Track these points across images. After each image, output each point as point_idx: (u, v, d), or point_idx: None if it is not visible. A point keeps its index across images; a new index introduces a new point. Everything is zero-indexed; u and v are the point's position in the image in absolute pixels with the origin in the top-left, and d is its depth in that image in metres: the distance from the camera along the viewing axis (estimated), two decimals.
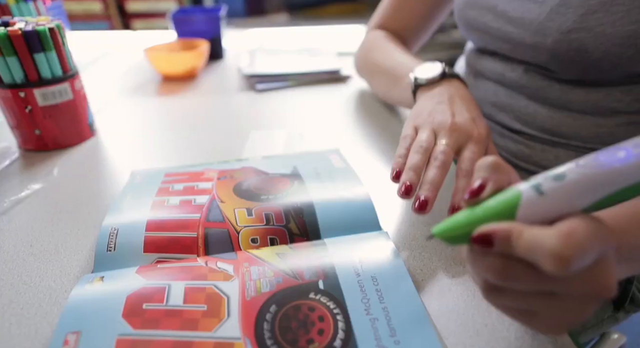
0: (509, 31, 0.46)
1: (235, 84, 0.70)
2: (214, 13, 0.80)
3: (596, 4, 0.38)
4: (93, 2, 1.77)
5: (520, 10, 0.45)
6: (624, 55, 0.38)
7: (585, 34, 0.39)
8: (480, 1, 0.50)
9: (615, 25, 0.37)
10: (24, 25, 0.44)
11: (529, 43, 0.44)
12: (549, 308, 0.21)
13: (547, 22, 0.42)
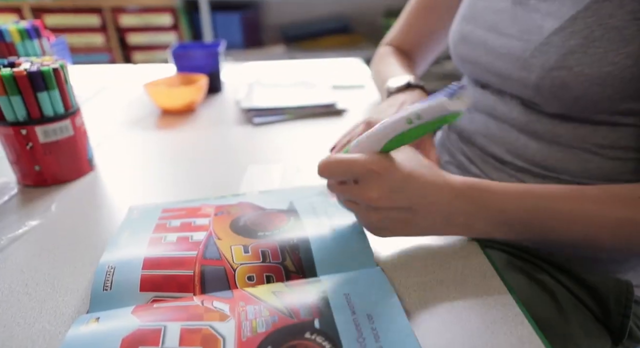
0: (498, 65, 0.48)
1: (233, 117, 0.72)
2: (213, 48, 0.83)
3: (575, 45, 0.40)
4: (95, 36, 1.82)
5: (507, 46, 0.47)
6: (603, 94, 0.40)
7: (566, 72, 0.41)
8: (473, 37, 0.52)
9: (593, 66, 0.39)
10: (29, 66, 0.46)
11: (515, 77, 0.46)
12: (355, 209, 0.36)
13: (531, 59, 0.44)
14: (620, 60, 0.39)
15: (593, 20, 0.39)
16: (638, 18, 0.38)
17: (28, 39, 0.71)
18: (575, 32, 0.40)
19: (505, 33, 0.48)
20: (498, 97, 0.51)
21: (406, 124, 0.31)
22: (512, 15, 0.47)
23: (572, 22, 0.41)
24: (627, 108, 0.41)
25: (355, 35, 2.03)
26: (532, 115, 0.47)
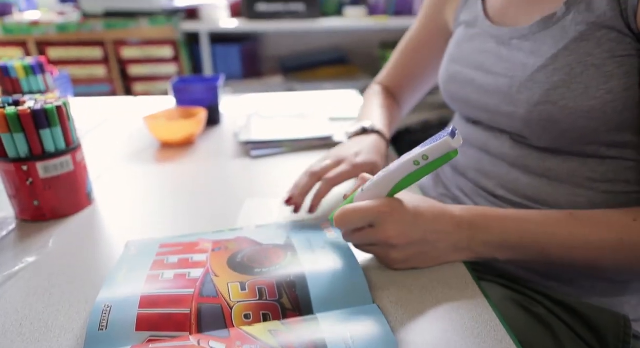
0: (486, 102, 0.50)
1: (231, 150, 0.73)
2: (212, 82, 0.85)
3: (559, 82, 0.42)
4: (97, 67, 1.85)
5: (494, 84, 0.49)
6: (589, 126, 0.41)
7: (552, 106, 0.42)
8: (461, 77, 0.54)
9: (577, 101, 0.41)
10: (34, 104, 0.47)
11: (504, 113, 0.48)
12: (374, 250, 0.39)
13: (517, 94, 0.46)
14: (602, 95, 0.40)
15: (573, 59, 0.41)
16: (615, 56, 0.40)
17: (32, 74, 0.73)
18: (557, 69, 0.42)
19: (491, 71, 0.50)
20: (489, 133, 0.52)
21: (413, 166, 0.34)
22: (497, 55, 0.50)
23: (554, 60, 0.43)
24: (612, 140, 0.43)
25: (351, 66, 2.08)
26: (522, 150, 0.48)
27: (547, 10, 0.45)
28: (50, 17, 1.81)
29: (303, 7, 1.80)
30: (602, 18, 0.40)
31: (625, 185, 0.44)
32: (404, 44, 0.71)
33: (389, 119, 0.64)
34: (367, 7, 1.86)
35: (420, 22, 0.68)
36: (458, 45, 0.57)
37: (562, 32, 0.43)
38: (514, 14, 0.50)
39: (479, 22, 0.54)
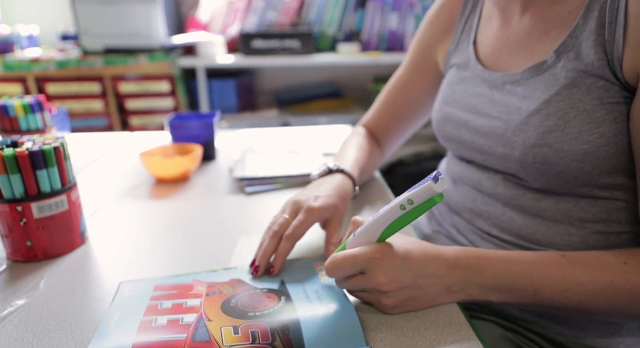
0: (481, 143, 0.51)
1: (226, 186, 0.73)
2: (208, 119, 0.87)
3: (553, 125, 0.43)
4: (95, 101, 1.88)
5: (488, 126, 0.50)
6: (583, 169, 0.42)
7: (547, 149, 0.44)
8: (454, 117, 0.56)
9: (571, 144, 0.42)
10: (32, 145, 0.48)
11: (499, 154, 0.49)
12: (367, 297, 0.40)
13: (513, 137, 0.47)
14: (594, 139, 0.42)
15: (565, 104, 0.43)
16: (604, 103, 0.41)
17: (31, 113, 0.74)
18: (551, 114, 0.44)
19: (485, 114, 0.51)
20: (482, 172, 0.53)
21: (400, 210, 0.35)
22: (490, 99, 0.51)
23: (547, 105, 0.44)
24: (604, 182, 0.44)
25: (345, 99, 2.13)
26: (516, 190, 0.49)
27: (538, 57, 0.47)
28: (51, 54, 1.85)
29: (298, 44, 1.86)
30: (590, 67, 0.42)
31: (617, 225, 0.45)
32: (391, 85, 0.71)
33: (361, 160, 0.63)
34: (360, 43, 1.92)
35: (409, 63, 0.68)
36: (450, 87, 0.58)
37: (553, 78, 0.44)
38: (505, 60, 0.51)
39: (470, 65, 0.56)
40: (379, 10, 1.89)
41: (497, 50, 0.53)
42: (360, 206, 0.65)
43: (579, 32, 0.43)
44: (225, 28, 1.96)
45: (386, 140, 0.72)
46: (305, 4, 1.94)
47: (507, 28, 0.52)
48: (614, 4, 0.40)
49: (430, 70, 0.66)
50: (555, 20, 0.46)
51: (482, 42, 0.56)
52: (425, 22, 0.66)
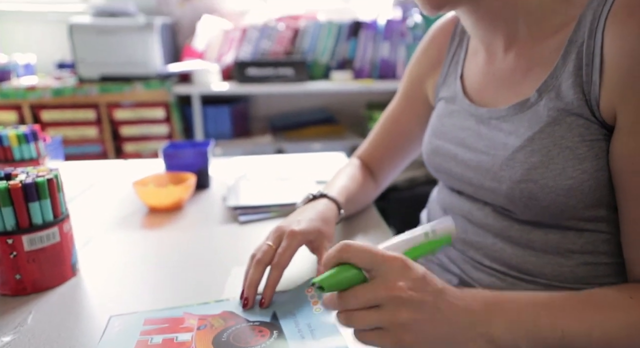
0: (470, 176, 0.52)
1: (219, 215, 0.73)
2: (202, 147, 0.87)
3: (537, 162, 0.44)
4: (89, 128, 1.89)
5: (476, 160, 0.51)
6: (568, 203, 0.43)
7: (533, 184, 0.44)
8: (443, 150, 0.57)
9: (556, 180, 0.43)
10: (25, 177, 0.48)
11: (487, 187, 0.50)
12: (382, 336, 0.34)
13: (500, 171, 0.48)
14: (578, 175, 0.43)
15: (549, 141, 0.44)
16: (585, 140, 0.42)
17: (25, 142, 0.75)
18: (535, 151, 0.45)
19: (473, 148, 0.52)
20: (472, 203, 0.54)
21: (424, 237, 0.37)
22: (477, 133, 0.52)
23: (531, 141, 0.45)
24: (589, 215, 0.44)
25: (339, 125, 2.15)
26: (505, 222, 0.50)
27: (522, 94, 0.48)
28: (47, 82, 1.87)
29: (292, 72, 1.89)
30: (570, 106, 0.43)
31: (604, 256, 0.45)
32: (384, 117, 0.72)
33: (350, 187, 0.63)
34: (353, 71, 1.96)
35: (401, 96, 0.70)
36: (440, 120, 0.59)
37: (536, 116, 0.46)
38: (491, 95, 0.53)
39: (458, 99, 0.57)
40: (371, 39, 1.95)
41: (484, 86, 0.54)
42: (353, 233, 0.65)
43: (559, 72, 0.44)
44: (220, 56, 2.00)
45: (381, 172, 0.72)
46: (299, 34, 1.99)
47: (492, 64, 0.53)
48: (589, 48, 0.42)
49: (421, 103, 0.67)
50: (537, 59, 0.48)
51: (469, 77, 0.57)
52: (415, 56, 0.69)
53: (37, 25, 2.09)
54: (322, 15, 2.07)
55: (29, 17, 2.07)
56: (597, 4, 0.42)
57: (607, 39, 0.40)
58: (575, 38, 0.43)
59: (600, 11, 0.41)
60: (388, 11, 2.07)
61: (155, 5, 2.07)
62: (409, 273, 0.33)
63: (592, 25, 0.42)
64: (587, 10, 0.43)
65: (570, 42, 0.44)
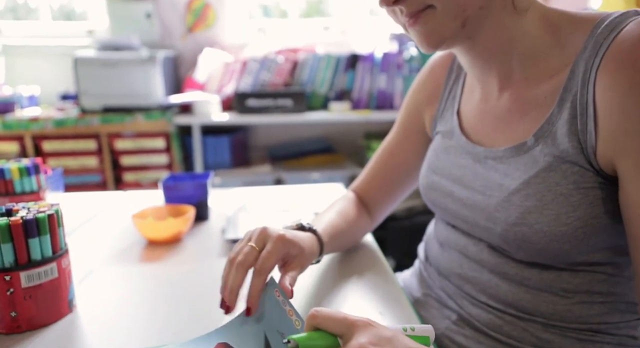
0: (465, 214, 0.52)
1: (218, 248, 0.73)
2: (202, 180, 0.88)
3: (532, 206, 0.45)
4: (90, 158, 1.90)
5: (472, 199, 0.52)
6: (562, 249, 0.43)
7: (527, 228, 0.45)
8: (440, 186, 0.57)
9: (550, 225, 0.43)
10: (26, 213, 0.48)
11: (482, 226, 0.50)
12: None
13: (495, 212, 0.48)
14: (572, 222, 0.43)
15: (543, 187, 0.44)
16: (580, 188, 0.43)
17: (27, 176, 0.75)
18: (530, 195, 0.45)
19: (469, 186, 0.52)
20: (468, 238, 0.54)
21: (402, 331, 0.35)
22: (474, 171, 0.53)
23: (526, 185, 0.45)
24: (584, 260, 0.45)
25: (338, 155, 2.17)
26: (500, 258, 0.50)
27: (518, 137, 0.49)
28: (50, 113, 1.90)
29: (291, 103, 1.93)
30: (566, 153, 0.44)
31: (599, 296, 0.46)
32: (381, 150, 0.71)
33: (337, 225, 0.60)
34: (351, 102, 2.00)
35: (397, 128, 0.69)
36: (436, 154, 0.59)
37: (532, 160, 0.46)
38: (488, 134, 0.53)
39: (454, 135, 0.57)
40: (368, 71, 1.99)
41: (480, 123, 0.55)
42: (350, 265, 0.65)
43: (555, 119, 0.45)
44: (221, 88, 2.04)
45: (377, 205, 0.71)
46: (298, 66, 2.04)
47: (488, 102, 0.54)
48: (583, 98, 0.42)
49: (418, 135, 0.67)
50: (533, 102, 0.48)
51: (465, 112, 0.58)
52: (413, 88, 0.69)
53: (43, 59, 2.14)
54: (321, 48, 2.13)
55: (35, 51, 2.13)
56: (589, 55, 0.43)
57: (599, 91, 0.41)
58: (569, 86, 0.44)
59: (592, 62, 0.42)
60: (385, 44, 2.13)
61: (158, 39, 2.13)
62: (377, 332, 0.32)
63: (584, 76, 0.42)
64: (580, 60, 0.43)
65: (565, 90, 0.44)
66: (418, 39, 0.48)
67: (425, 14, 0.45)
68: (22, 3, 2.25)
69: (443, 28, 0.46)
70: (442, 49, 0.49)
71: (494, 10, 0.46)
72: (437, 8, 0.45)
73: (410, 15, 0.46)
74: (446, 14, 0.45)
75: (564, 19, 0.47)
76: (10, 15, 2.26)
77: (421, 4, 0.45)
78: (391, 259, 1.79)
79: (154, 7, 2.08)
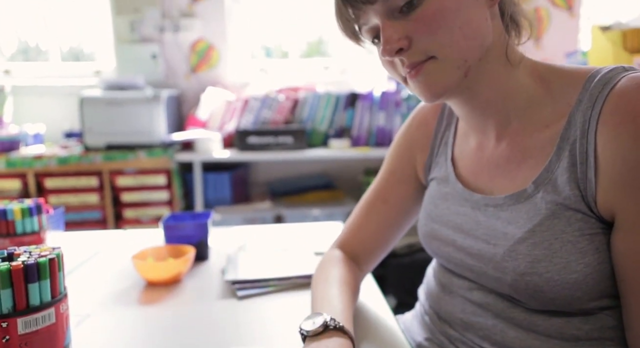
0: (471, 263, 0.52)
1: (218, 289, 0.73)
2: (202, 219, 0.89)
3: (540, 255, 0.45)
4: (91, 195, 1.91)
5: (477, 248, 0.51)
6: (574, 296, 0.43)
7: (538, 277, 0.44)
8: (441, 235, 0.56)
9: (560, 273, 0.43)
10: (27, 258, 0.48)
11: (491, 276, 0.49)
12: None
13: (502, 262, 0.47)
14: (582, 269, 0.43)
15: (549, 234, 0.44)
16: (585, 234, 0.43)
17: (29, 216, 0.76)
18: (537, 244, 0.45)
19: (471, 234, 0.52)
20: (473, 284, 0.53)
21: None
22: (475, 220, 0.52)
23: (532, 234, 0.46)
24: (595, 305, 0.44)
25: (337, 191, 2.18)
26: (506, 302, 0.49)
27: (518, 185, 0.49)
28: (54, 150, 1.92)
29: (291, 140, 1.96)
30: (568, 201, 0.44)
31: (610, 342, 0.45)
32: (367, 198, 0.67)
33: (351, 301, 0.56)
34: (350, 139, 2.03)
35: (387, 175, 0.66)
36: (433, 201, 0.59)
37: (534, 208, 0.46)
38: (485, 181, 0.53)
39: (450, 182, 0.57)
40: (367, 109, 2.04)
41: (477, 171, 0.55)
42: None
43: (554, 167, 0.46)
44: (222, 125, 2.08)
45: (367, 257, 0.66)
46: (299, 104, 2.09)
47: (484, 150, 0.54)
48: (583, 147, 0.43)
49: (412, 181, 0.65)
50: (530, 151, 0.49)
51: (460, 159, 0.58)
52: (402, 135, 0.67)
53: (50, 98, 2.20)
54: (321, 87, 2.19)
55: (43, 91, 2.19)
56: (586, 106, 0.44)
57: (600, 142, 0.42)
58: (567, 135, 0.45)
59: (590, 114, 0.43)
60: (383, 83, 2.19)
61: (162, 78, 2.19)
62: None
63: (583, 126, 0.44)
64: (577, 111, 0.45)
65: (563, 139, 0.45)
66: (420, 90, 0.48)
67: (428, 65, 0.46)
68: (34, 45, 2.34)
69: (446, 78, 0.46)
70: (443, 99, 0.50)
71: (491, 61, 0.48)
72: (439, 59, 0.46)
73: (412, 66, 0.47)
74: (449, 65, 0.46)
75: (553, 73, 0.49)
76: (21, 56, 2.34)
77: (423, 55, 0.46)
78: (392, 297, 1.76)
79: (159, 49, 2.16)
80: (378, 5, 0.45)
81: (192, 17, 2.17)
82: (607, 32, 1.58)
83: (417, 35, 0.45)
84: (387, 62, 0.50)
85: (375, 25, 0.47)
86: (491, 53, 0.47)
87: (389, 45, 0.45)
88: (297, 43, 2.39)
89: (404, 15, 0.45)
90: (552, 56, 2.31)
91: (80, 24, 2.30)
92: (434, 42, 0.45)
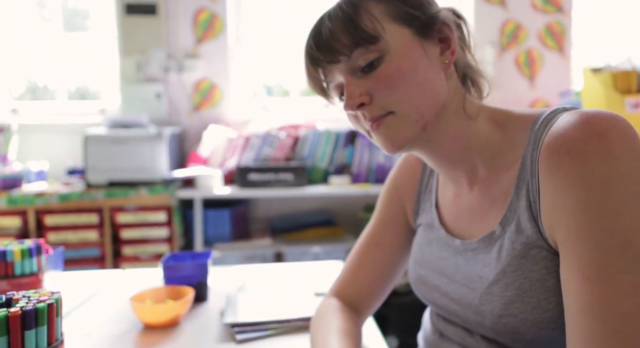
0: (455, 309, 0.53)
1: (216, 333, 0.71)
2: (202, 260, 0.88)
3: (512, 296, 0.45)
4: (90, 232, 1.90)
5: (458, 292, 0.52)
6: (552, 336, 0.43)
7: (513, 319, 0.45)
8: (428, 280, 0.57)
9: (534, 313, 0.43)
10: (26, 303, 0.48)
11: (472, 320, 0.50)
12: None
13: (480, 306, 0.48)
14: (553, 307, 0.43)
15: (519, 274, 0.45)
16: (552, 271, 0.44)
17: (28, 257, 0.76)
18: (508, 285, 0.46)
19: (454, 279, 0.53)
20: (464, 331, 0.54)
21: None
22: (455, 264, 0.54)
23: (503, 275, 0.47)
24: None
25: (338, 227, 2.17)
26: (498, 347, 0.49)
27: (488, 227, 0.51)
28: (56, 187, 1.94)
29: (291, 177, 1.98)
30: (531, 239, 0.45)
31: None
32: (360, 244, 0.67)
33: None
34: (350, 176, 2.05)
35: (380, 221, 0.67)
36: (420, 248, 0.61)
37: (503, 249, 0.48)
38: (463, 226, 0.55)
39: (435, 228, 0.59)
40: (367, 146, 2.07)
41: (456, 216, 0.57)
42: None
43: (515, 207, 0.48)
44: (223, 162, 2.11)
45: (365, 303, 0.66)
46: (299, 141, 2.12)
47: (460, 197, 0.57)
48: (533, 186, 0.46)
49: (403, 226, 0.66)
50: (496, 193, 0.51)
51: (443, 206, 0.60)
52: (391, 181, 0.68)
53: (55, 135, 2.23)
54: (321, 125, 2.23)
55: (48, 128, 2.23)
56: (532, 148, 0.47)
57: (541, 178, 0.44)
58: (522, 176, 0.48)
59: (535, 154, 0.46)
60: None
61: (166, 116, 2.24)
62: None
63: (532, 166, 0.46)
64: (527, 153, 0.48)
65: (519, 179, 0.48)
66: (382, 142, 0.52)
67: (387, 119, 0.50)
68: (42, 85, 2.40)
69: (405, 131, 0.50)
70: (404, 150, 0.53)
71: (449, 116, 0.51)
72: (397, 113, 0.50)
73: (373, 120, 0.50)
74: (407, 119, 0.50)
75: (508, 118, 0.52)
76: (29, 95, 2.40)
77: (382, 110, 0.50)
78: (394, 338, 1.71)
79: (164, 88, 2.22)
80: (342, 64, 0.50)
81: (196, 57, 2.25)
82: (598, 74, 1.64)
83: (377, 92, 0.49)
84: (352, 116, 0.53)
85: (341, 82, 0.52)
86: (448, 108, 0.51)
87: (352, 101, 0.49)
88: (298, 81, 2.46)
89: (365, 74, 0.49)
90: (546, 96, 2.37)
91: (87, 64, 2.38)
92: (393, 98, 0.49)
